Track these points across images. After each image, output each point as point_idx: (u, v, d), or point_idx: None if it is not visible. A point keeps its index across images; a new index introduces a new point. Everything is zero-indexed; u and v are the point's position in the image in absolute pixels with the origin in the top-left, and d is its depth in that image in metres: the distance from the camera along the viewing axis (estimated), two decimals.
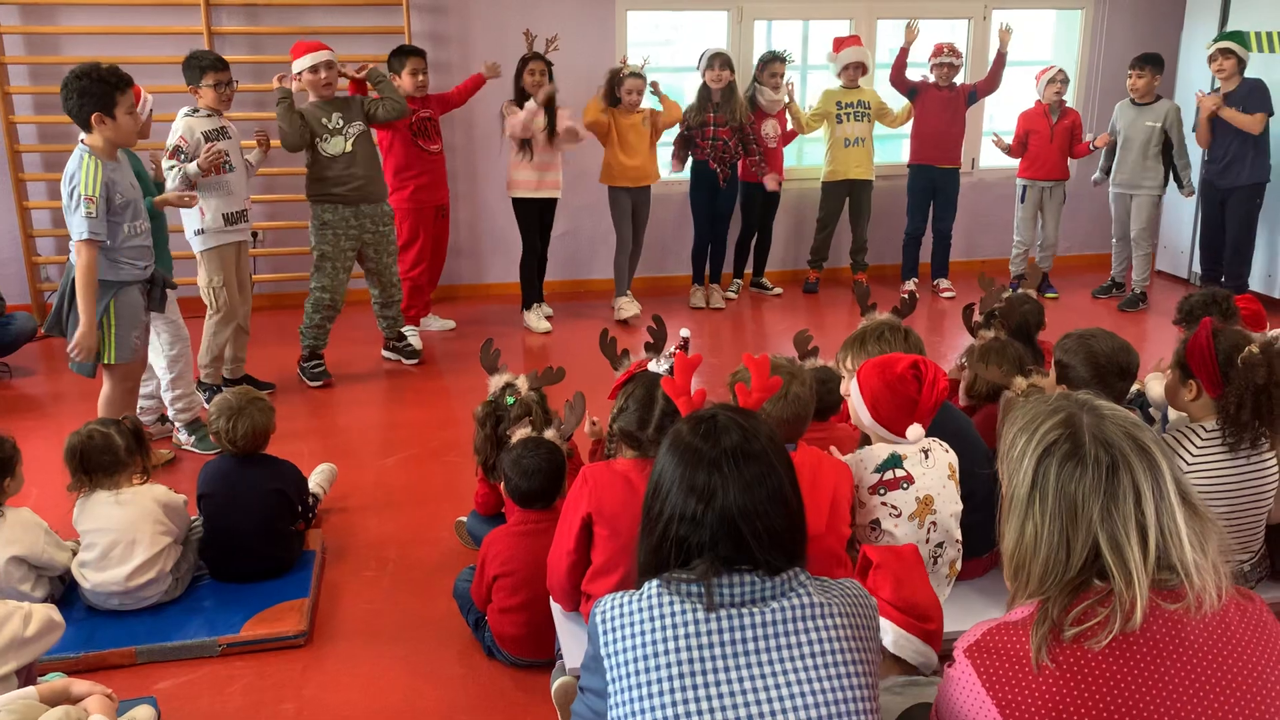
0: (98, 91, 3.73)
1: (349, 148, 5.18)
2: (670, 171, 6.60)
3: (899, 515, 2.56)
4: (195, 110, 4.76)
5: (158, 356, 4.44)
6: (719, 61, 6.25)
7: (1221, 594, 1.48)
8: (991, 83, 6.79)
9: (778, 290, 7.15)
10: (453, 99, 6.02)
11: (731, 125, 6.34)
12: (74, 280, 3.91)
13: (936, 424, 2.71)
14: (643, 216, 6.47)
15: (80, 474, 3.28)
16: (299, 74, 5.15)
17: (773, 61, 6.53)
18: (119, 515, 3.23)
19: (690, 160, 6.51)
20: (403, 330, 5.79)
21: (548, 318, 6.39)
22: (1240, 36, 6.18)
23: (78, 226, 3.77)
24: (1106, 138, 6.70)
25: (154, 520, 3.26)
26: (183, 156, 4.65)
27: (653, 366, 2.79)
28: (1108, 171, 6.78)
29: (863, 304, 3.95)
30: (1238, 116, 6.07)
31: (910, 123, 6.92)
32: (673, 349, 3.19)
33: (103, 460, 3.27)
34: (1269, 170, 6.23)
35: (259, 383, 5.14)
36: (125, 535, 3.21)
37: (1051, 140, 6.71)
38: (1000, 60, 6.72)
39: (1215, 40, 6.26)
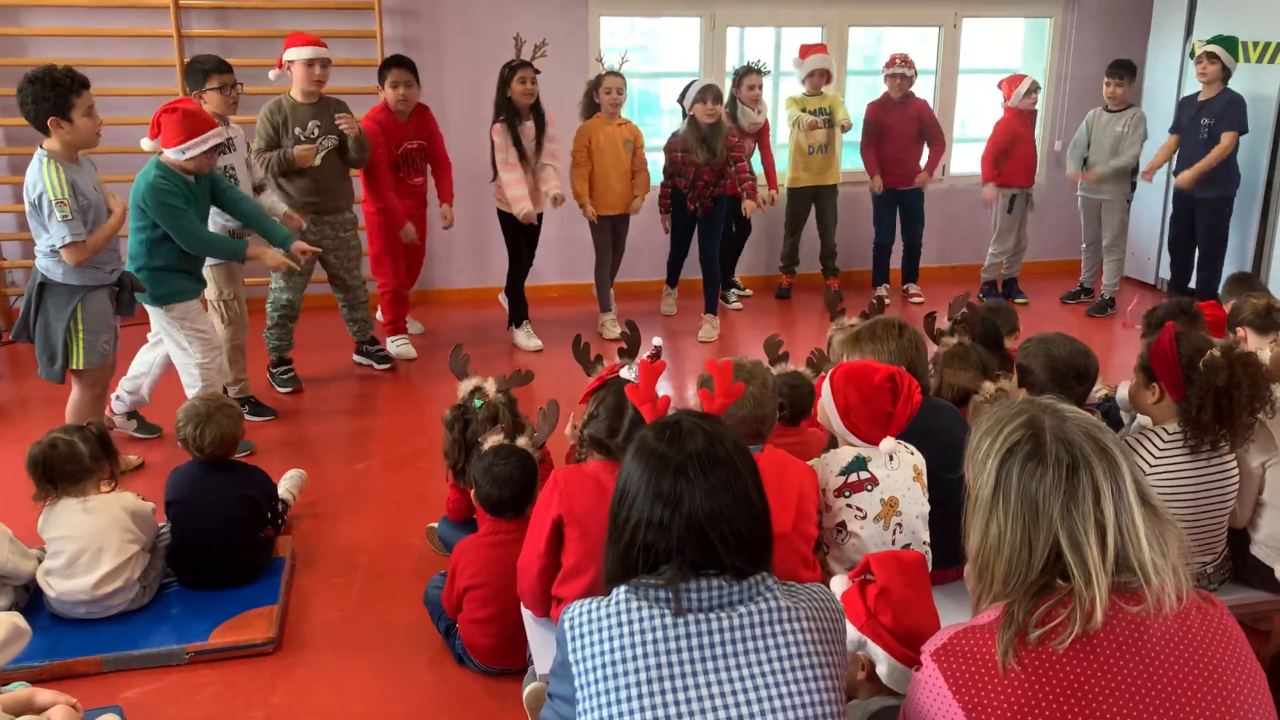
0: (52, 95, 3.69)
1: (317, 162, 5.14)
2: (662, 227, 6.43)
3: (864, 517, 2.58)
4: None
5: (188, 363, 4.32)
6: (712, 95, 5.79)
7: (1182, 596, 1.50)
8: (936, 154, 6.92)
9: (748, 292, 7.16)
10: (439, 158, 5.81)
11: (713, 165, 5.98)
12: (40, 285, 3.88)
13: (920, 427, 2.72)
14: (622, 235, 6.38)
15: (45, 484, 3.23)
16: (290, 63, 5.07)
17: (748, 74, 6.42)
18: (86, 523, 3.19)
19: (671, 188, 6.23)
20: (390, 338, 5.79)
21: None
22: (1230, 43, 6.14)
23: (58, 232, 3.74)
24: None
25: (122, 528, 3.23)
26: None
27: (624, 373, 2.80)
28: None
29: (832, 309, 3.97)
30: (1209, 161, 6.10)
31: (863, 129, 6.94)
32: (644, 356, 3.19)
33: (67, 469, 3.22)
34: (1237, 182, 6.28)
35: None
36: (92, 543, 3.17)
37: (1034, 148, 6.82)
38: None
39: (1206, 41, 6.22)
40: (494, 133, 5.67)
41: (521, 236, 5.97)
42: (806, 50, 6.72)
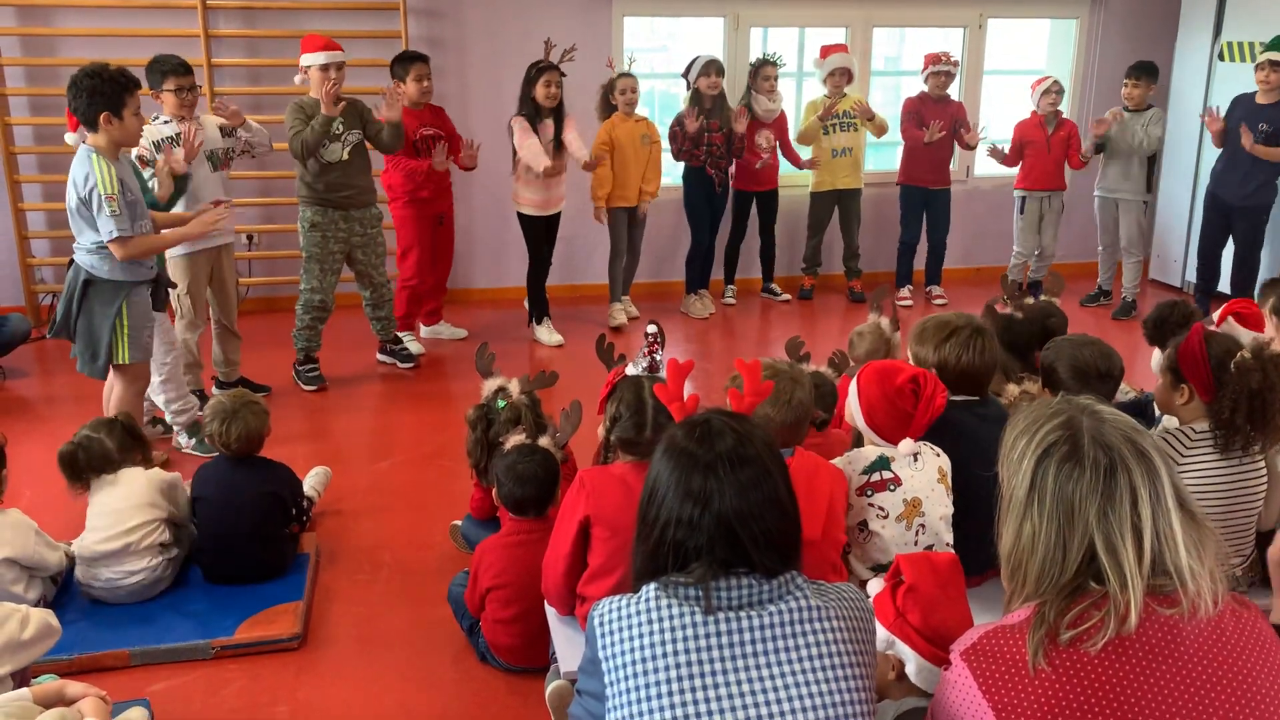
0: (108, 91, 3.74)
1: (345, 156, 5.17)
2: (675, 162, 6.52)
3: (886, 517, 2.58)
4: (156, 117, 4.69)
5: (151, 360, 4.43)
6: (715, 69, 6.29)
7: (1217, 601, 1.49)
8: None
9: (785, 296, 7.18)
10: (455, 148, 5.85)
11: (725, 131, 6.39)
12: (85, 282, 3.90)
13: (945, 428, 2.72)
14: (639, 230, 6.50)
15: (76, 479, 3.36)
16: (308, 68, 5.12)
17: (764, 66, 6.54)
18: (114, 493, 3.36)
19: (684, 168, 6.51)
20: (399, 335, 5.80)
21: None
22: None
23: (105, 226, 3.78)
24: (1108, 121, 6.55)
25: (146, 490, 3.35)
26: (150, 166, 4.61)
27: (630, 369, 2.81)
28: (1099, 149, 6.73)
29: (875, 303, 4.00)
30: (1264, 150, 5.99)
31: (898, 134, 6.94)
32: (643, 349, 3.20)
33: (95, 465, 3.36)
34: (1276, 191, 6.22)
35: (255, 385, 5.14)
36: (119, 504, 3.31)
37: (1049, 151, 6.72)
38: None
39: (1267, 48, 6.09)
40: (513, 122, 5.80)
41: (542, 234, 6.05)
42: (827, 50, 6.74)
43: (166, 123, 4.70)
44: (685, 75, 6.42)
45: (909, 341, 2.99)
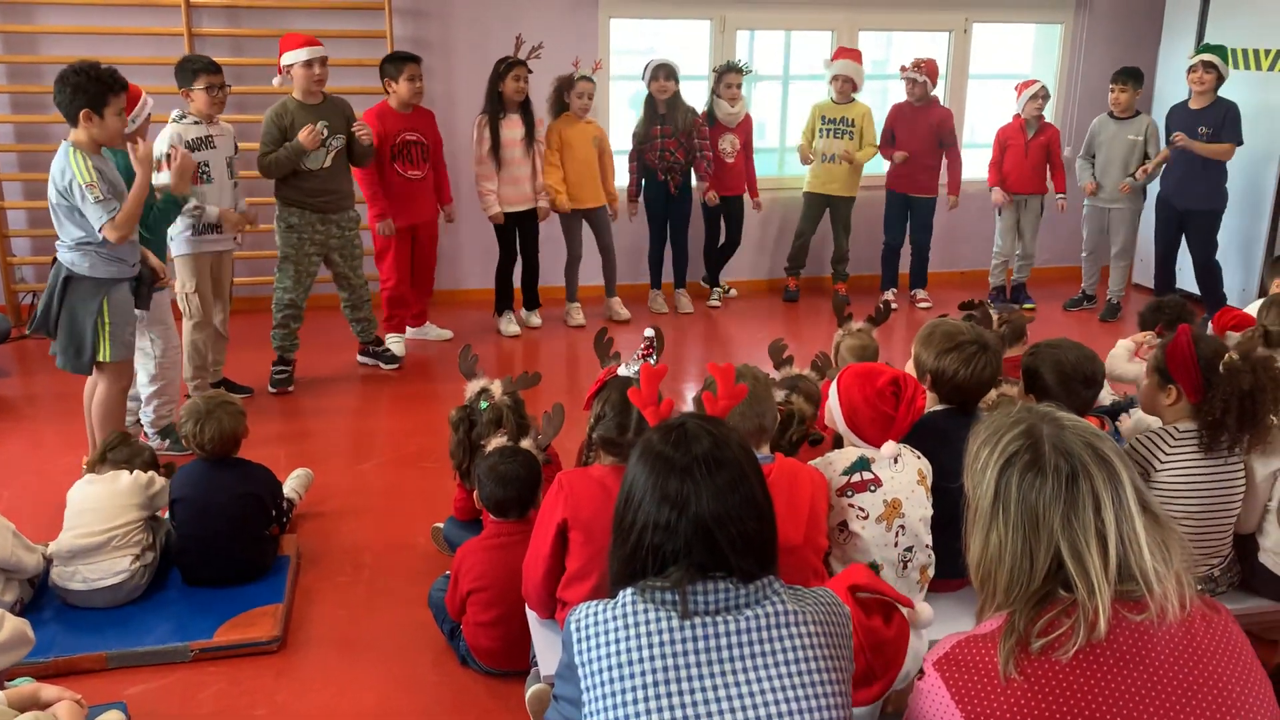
0: (92, 89, 3.74)
1: (328, 163, 5.16)
2: (628, 211, 6.63)
3: (866, 517, 2.58)
4: (183, 116, 4.70)
5: (146, 360, 4.38)
6: (664, 72, 6.27)
7: (1186, 604, 1.49)
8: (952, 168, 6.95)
9: (732, 292, 7.19)
10: (440, 168, 5.90)
11: (678, 136, 6.37)
12: (65, 279, 3.86)
13: (926, 433, 2.72)
14: (604, 231, 6.47)
15: (102, 457, 3.49)
16: (289, 67, 5.10)
17: (728, 73, 6.54)
18: (90, 490, 3.36)
19: (639, 175, 6.52)
20: (380, 337, 5.78)
21: (533, 327, 6.42)
22: (1222, 51, 6.16)
23: (95, 214, 3.74)
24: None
25: (123, 491, 3.35)
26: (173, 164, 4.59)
27: (622, 371, 2.80)
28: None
29: (839, 314, 3.97)
30: (1207, 148, 6.08)
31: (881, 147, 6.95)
32: (639, 352, 3.19)
33: (117, 455, 3.48)
34: (1226, 196, 6.27)
35: (236, 387, 5.11)
36: (100, 502, 3.32)
37: (1026, 155, 6.74)
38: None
39: (1198, 51, 6.24)
40: (475, 125, 5.95)
41: (513, 227, 6.13)
42: (838, 54, 6.76)
43: (196, 123, 4.70)
44: (643, 79, 6.42)
45: (915, 338, 2.99)
